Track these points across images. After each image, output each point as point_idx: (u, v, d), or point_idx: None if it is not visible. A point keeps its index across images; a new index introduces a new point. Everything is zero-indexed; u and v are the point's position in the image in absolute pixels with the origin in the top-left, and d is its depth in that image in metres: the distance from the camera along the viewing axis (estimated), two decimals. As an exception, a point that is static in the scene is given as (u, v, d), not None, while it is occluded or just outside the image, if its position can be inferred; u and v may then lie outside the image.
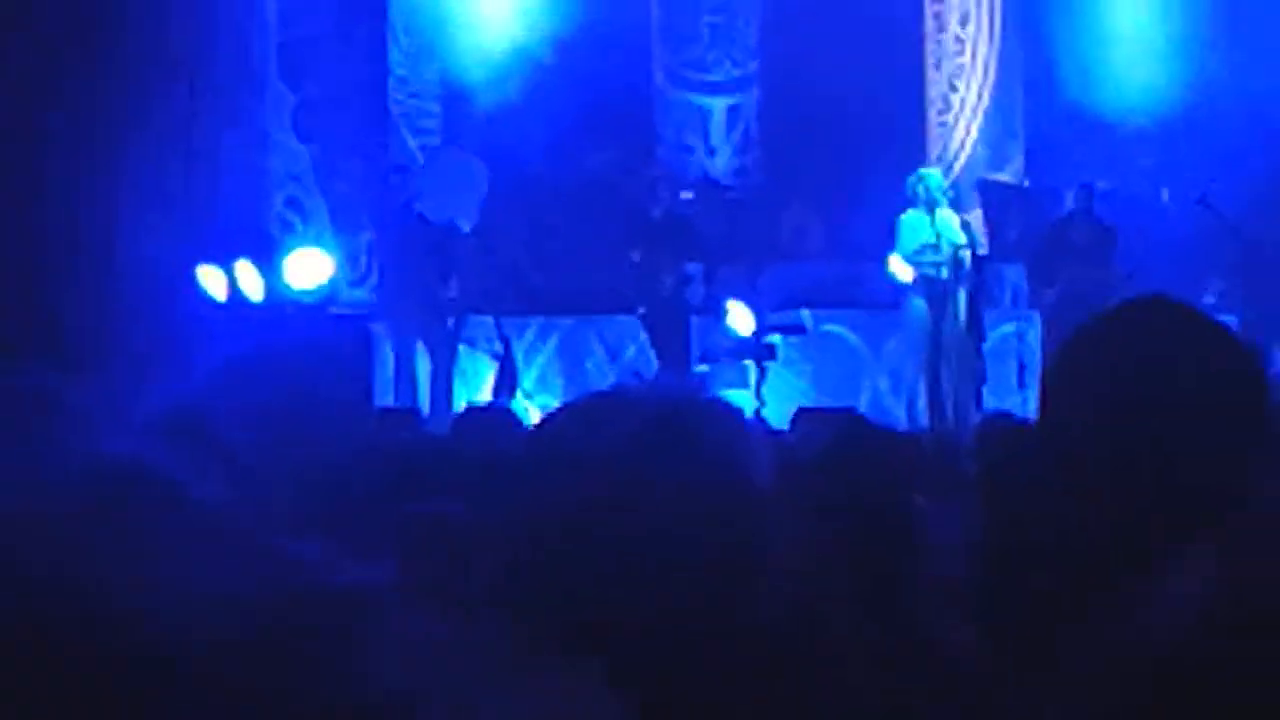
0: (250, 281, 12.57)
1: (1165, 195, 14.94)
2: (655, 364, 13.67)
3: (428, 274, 13.47)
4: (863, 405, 13.48)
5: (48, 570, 0.88)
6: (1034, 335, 14.43)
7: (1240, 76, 14.71)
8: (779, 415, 11.39)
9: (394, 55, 15.06)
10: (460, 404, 12.35)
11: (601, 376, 13.82)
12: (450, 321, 13.63)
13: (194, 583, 0.84)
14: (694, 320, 14.12)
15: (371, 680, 0.82)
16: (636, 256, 13.90)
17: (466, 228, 14.41)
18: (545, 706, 0.86)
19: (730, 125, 16.23)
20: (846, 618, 2.35)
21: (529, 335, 14.34)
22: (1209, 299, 13.02)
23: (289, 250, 13.13)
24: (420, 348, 13.57)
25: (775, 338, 14.05)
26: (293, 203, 14.38)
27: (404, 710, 0.82)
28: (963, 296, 13.51)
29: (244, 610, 0.83)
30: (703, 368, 13.71)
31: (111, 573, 0.85)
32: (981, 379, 13.53)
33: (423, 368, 13.53)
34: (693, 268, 14.05)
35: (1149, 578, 1.01)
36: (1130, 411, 2.07)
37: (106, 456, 1.01)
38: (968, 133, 16.42)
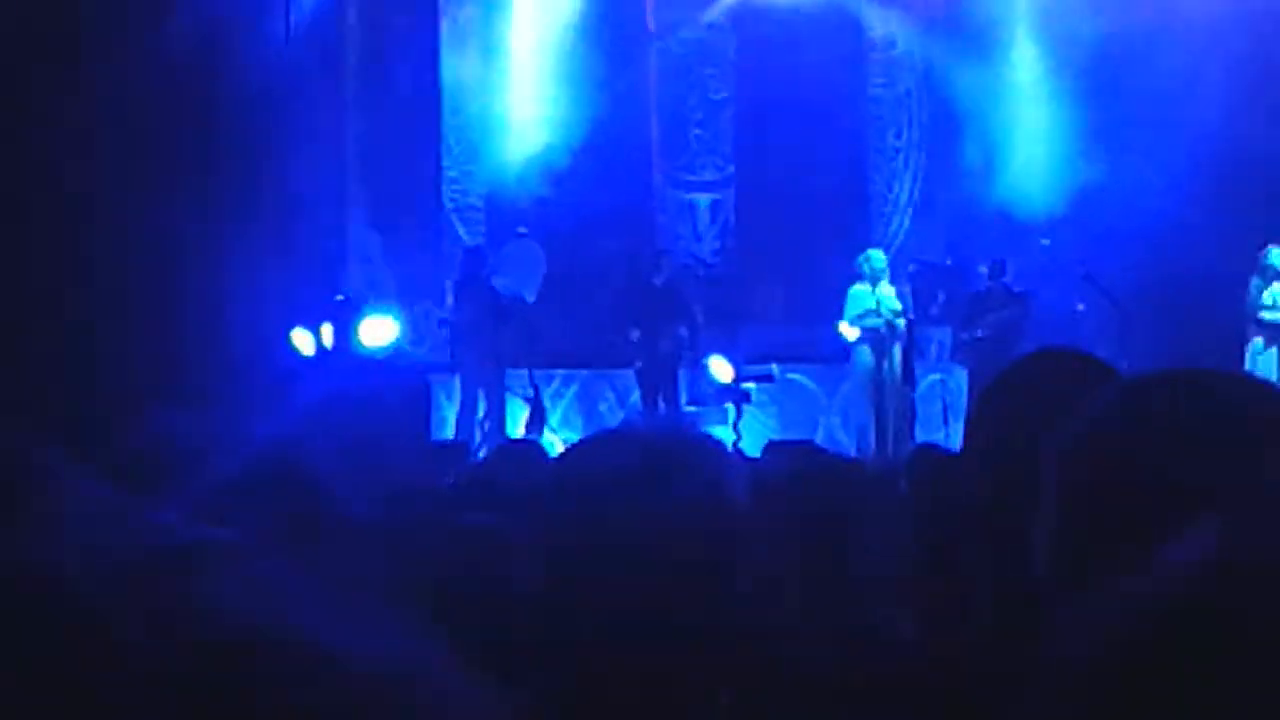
0: (328, 340, 12.57)
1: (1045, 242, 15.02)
2: (645, 409, 13.63)
3: (493, 334, 13.35)
4: (819, 438, 13.46)
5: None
6: (954, 382, 14.41)
7: (1114, 177, 14.80)
8: (752, 447, 11.38)
9: (446, 161, 15.10)
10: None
11: (613, 416, 13.83)
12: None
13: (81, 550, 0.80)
14: (684, 372, 14.12)
15: (212, 617, 0.78)
16: (635, 335, 13.85)
17: (531, 298, 14.42)
18: (377, 642, 0.80)
19: (713, 216, 16.26)
20: (802, 603, 2.37)
21: (555, 383, 14.34)
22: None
23: (363, 316, 13.15)
24: (479, 394, 13.45)
25: (750, 385, 14.04)
26: (366, 279, 14.42)
27: (241, 645, 0.78)
28: (898, 352, 13.51)
29: (113, 565, 0.79)
30: (692, 409, 13.69)
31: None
32: (913, 417, 13.52)
33: (480, 410, 13.42)
34: (683, 329, 14.04)
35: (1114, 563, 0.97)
36: (1033, 437, 2.08)
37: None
38: (902, 222, 16.47)
